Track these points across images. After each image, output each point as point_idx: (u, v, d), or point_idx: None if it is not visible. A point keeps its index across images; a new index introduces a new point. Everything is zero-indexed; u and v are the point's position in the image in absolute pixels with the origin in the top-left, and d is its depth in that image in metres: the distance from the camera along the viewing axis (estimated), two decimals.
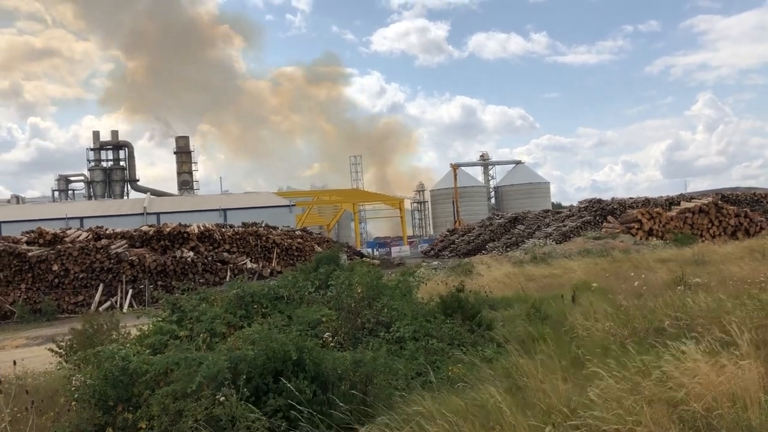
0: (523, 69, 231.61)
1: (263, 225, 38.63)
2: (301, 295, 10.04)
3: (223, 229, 33.43)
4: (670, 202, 43.91)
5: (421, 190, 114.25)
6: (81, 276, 26.69)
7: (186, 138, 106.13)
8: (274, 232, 35.81)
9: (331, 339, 7.82)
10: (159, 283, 27.37)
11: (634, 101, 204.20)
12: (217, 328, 8.34)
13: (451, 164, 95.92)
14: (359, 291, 8.74)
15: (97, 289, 26.44)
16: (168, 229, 30.27)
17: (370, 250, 65.47)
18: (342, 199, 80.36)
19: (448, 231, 60.44)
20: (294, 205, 58.32)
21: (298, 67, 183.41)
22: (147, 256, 28.19)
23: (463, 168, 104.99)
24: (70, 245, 27.20)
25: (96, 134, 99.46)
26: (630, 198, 46.84)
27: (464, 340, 8.55)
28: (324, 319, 8.69)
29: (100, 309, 25.08)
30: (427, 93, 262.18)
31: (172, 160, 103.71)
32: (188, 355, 6.28)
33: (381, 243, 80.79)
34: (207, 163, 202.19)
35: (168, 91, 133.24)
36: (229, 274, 29.15)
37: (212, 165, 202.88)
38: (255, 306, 9.66)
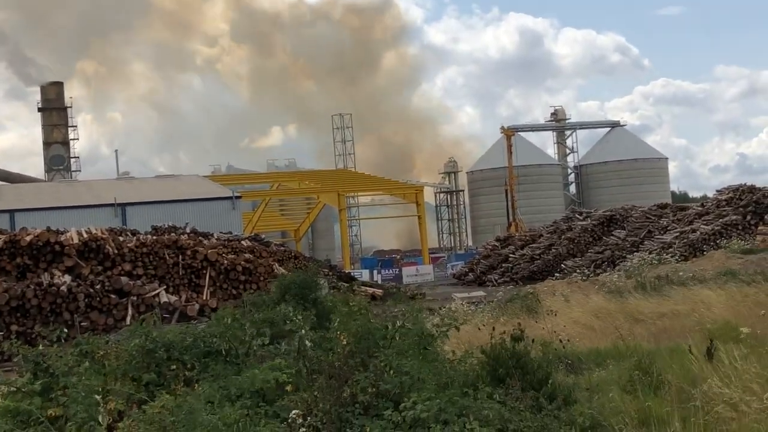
0: None
1: (188, 230, 38.58)
2: (249, 348, 10.04)
3: (122, 238, 33.39)
4: None
5: (451, 171, 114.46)
6: None
7: (59, 85, 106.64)
8: (205, 242, 35.76)
9: (302, 422, 7.78)
10: (13, 327, 27.28)
11: None
12: (106, 404, 8.30)
13: (502, 128, 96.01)
14: (345, 342, 8.72)
15: None
16: (29, 238, 30.28)
17: (367, 272, 65.59)
18: (320, 186, 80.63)
19: (499, 240, 60.55)
20: (239, 197, 58.46)
21: None
22: None
23: (522, 134, 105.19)
24: None
25: None
26: None
27: (526, 423, 8.51)
28: (288, 389, 8.67)
29: None
30: (462, 8, 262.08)
31: (36, 121, 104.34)
32: None
33: (386, 260, 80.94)
34: (93, 127, 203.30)
35: (24, 4, 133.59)
36: (130, 312, 29.09)
37: (102, 130, 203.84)
38: (173, 366, 9.64)
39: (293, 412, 7.97)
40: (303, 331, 9.97)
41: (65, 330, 11.79)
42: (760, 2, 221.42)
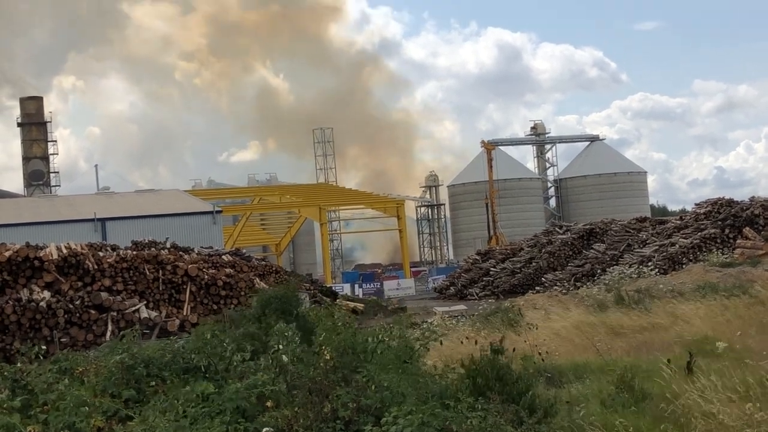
0: None
1: (168, 245, 38.43)
2: (229, 364, 9.98)
3: (102, 253, 33.21)
4: None
5: (433, 185, 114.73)
6: None
7: (38, 100, 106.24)
8: (186, 257, 35.60)
9: None
10: None
11: None
12: (84, 421, 8.25)
13: (482, 142, 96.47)
14: (327, 357, 8.70)
15: None
16: (8, 254, 30.07)
17: (348, 286, 65.53)
18: (301, 200, 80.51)
19: (479, 254, 60.61)
20: (220, 212, 58.35)
21: None
22: None
23: (502, 149, 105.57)
24: None
25: None
26: None
27: None
28: (268, 404, 8.64)
29: None
30: (440, 23, 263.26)
31: (15, 137, 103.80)
32: None
33: (367, 274, 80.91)
34: (72, 141, 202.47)
35: (2, 18, 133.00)
36: (110, 328, 28.92)
37: (81, 145, 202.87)
38: (153, 383, 9.59)
39: (265, 429, 7.86)
40: (280, 346, 9.91)
41: (43, 348, 11.72)
42: (737, 17, 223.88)
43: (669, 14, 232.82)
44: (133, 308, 30.33)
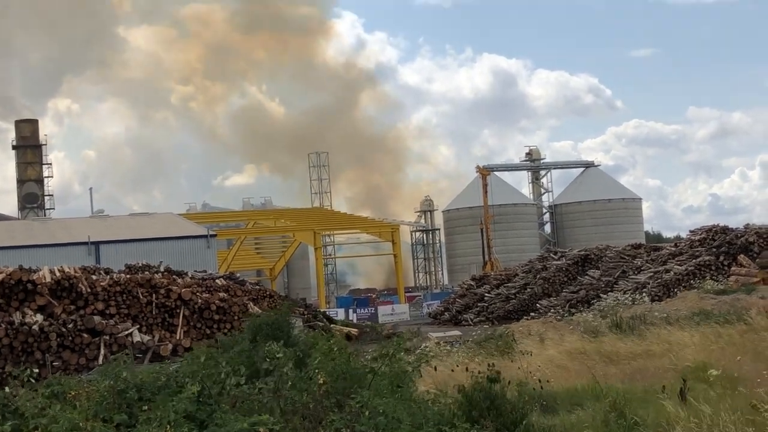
0: (594, 10, 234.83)
1: (162, 269, 38.40)
2: (222, 389, 9.92)
3: (95, 277, 33.18)
4: None
5: (427, 210, 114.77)
6: None
7: (33, 123, 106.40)
8: (179, 280, 35.57)
9: None
10: None
11: None
12: None
13: (477, 167, 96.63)
14: (321, 381, 8.66)
15: None
16: (0, 277, 30.02)
17: (342, 311, 65.38)
18: (296, 225, 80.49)
19: (474, 279, 60.55)
20: (215, 236, 58.30)
21: (219, 4, 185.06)
22: None
23: (497, 174, 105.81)
24: None
25: None
26: None
27: None
28: (261, 430, 8.60)
29: None
30: (436, 49, 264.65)
31: (9, 159, 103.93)
32: None
33: (361, 299, 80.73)
34: (66, 164, 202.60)
35: None
36: (102, 351, 28.85)
37: (75, 168, 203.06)
38: (145, 407, 9.53)
39: None
40: (285, 370, 9.87)
41: (36, 371, 11.67)
42: (731, 44, 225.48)
43: (664, 41, 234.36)
44: (126, 332, 30.27)
